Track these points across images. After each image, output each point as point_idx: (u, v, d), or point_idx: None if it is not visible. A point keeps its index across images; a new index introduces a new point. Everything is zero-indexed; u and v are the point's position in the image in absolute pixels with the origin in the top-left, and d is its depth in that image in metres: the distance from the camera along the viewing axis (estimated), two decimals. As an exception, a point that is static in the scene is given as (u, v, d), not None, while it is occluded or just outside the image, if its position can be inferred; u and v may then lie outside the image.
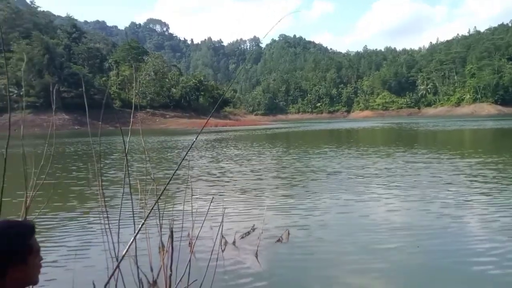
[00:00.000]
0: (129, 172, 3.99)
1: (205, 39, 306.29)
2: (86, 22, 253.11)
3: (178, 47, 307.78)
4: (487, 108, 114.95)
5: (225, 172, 13.96)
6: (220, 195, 9.91)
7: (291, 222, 7.16)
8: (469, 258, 5.24)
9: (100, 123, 4.54)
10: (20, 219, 1.53)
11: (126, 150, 3.78)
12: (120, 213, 3.35)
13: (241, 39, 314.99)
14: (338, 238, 6.23)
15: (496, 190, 9.50)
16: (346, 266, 5.02)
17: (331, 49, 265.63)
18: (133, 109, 5.56)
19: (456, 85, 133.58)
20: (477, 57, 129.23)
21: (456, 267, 4.96)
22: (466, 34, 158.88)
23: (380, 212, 7.63)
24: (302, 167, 14.49)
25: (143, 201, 4.57)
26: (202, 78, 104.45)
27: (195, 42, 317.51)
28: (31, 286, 1.59)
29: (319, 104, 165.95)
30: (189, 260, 3.72)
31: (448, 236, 6.12)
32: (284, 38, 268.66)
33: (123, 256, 2.75)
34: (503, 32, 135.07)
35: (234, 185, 11.37)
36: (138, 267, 3.38)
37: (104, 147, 26.12)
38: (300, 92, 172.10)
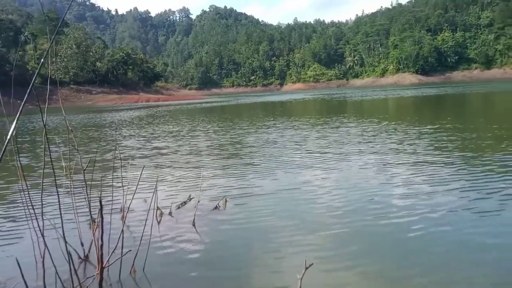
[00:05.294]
0: (49, 149, 3.72)
1: (131, 10, 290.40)
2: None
3: (102, 18, 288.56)
4: (409, 77, 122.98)
5: (159, 148, 13.62)
6: (154, 167, 9.68)
7: (228, 191, 7.16)
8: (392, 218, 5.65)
9: (18, 101, 4.15)
10: None
11: (45, 121, 3.51)
12: (42, 186, 3.12)
13: (169, 10, 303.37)
14: (275, 206, 6.28)
15: (416, 151, 10.30)
16: (283, 233, 5.05)
17: (262, 21, 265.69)
18: (48, 85, 5.15)
19: (380, 56, 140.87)
20: (399, 29, 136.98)
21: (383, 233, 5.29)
22: (389, 6, 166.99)
23: (315, 180, 7.78)
24: (237, 140, 14.55)
25: (67, 177, 4.32)
26: (130, 51, 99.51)
27: (119, 12, 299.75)
28: None
29: (253, 77, 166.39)
30: (122, 230, 3.60)
31: (379, 204, 6.52)
32: (215, 9, 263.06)
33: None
34: (423, 4, 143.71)
35: (168, 159, 11.15)
36: (66, 241, 3.22)
37: (20, 128, 24.19)
38: (234, 65, 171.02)
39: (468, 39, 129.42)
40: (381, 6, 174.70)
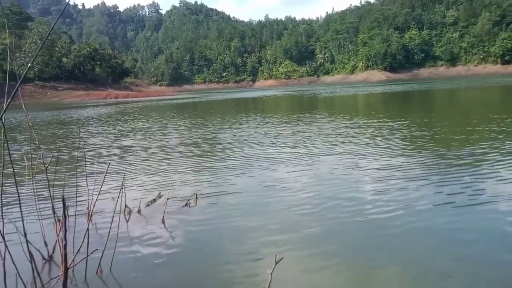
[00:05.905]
0: (9, 147, 3.57)
1: (98, 4, 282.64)
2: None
3: (68, 12, 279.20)
4: (378, 74, 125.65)
5: (128, 145, 13.35)
6: (123, 165, 9.46)
7: (200, 189, 7.05)
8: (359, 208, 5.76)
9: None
10: None
11: (3, 119, 3.36)
12: (1, 185, 2.99)
13: (138, 5, 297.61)
14: (247, 203, 6.23)
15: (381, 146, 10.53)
16: (255, 231, 5.01)
17: (233, 17, 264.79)
18: (7, 81, 4.94)
19: (350, 53, 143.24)
20: (368, 27, 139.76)
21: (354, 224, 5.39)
22: (359, 4, 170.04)
23: (288, 177, 7.73)
24: (209, 137, 14.46)
25: (29, 175, 4.16)
26: (97, 46, 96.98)
27: (86, 7, 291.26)
28: None
29: (225, 73, 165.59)
30: (87, 229, 3.50)
31: (350, 198, 6.63)
32: (185, 5, 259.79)
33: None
34: (391, 3, 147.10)
35: (138, 157, 10.94)
36: (27, 241, 3.09)
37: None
38: (205, 62, 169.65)
39: (434, 37, 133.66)
40: (351, 4, 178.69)
